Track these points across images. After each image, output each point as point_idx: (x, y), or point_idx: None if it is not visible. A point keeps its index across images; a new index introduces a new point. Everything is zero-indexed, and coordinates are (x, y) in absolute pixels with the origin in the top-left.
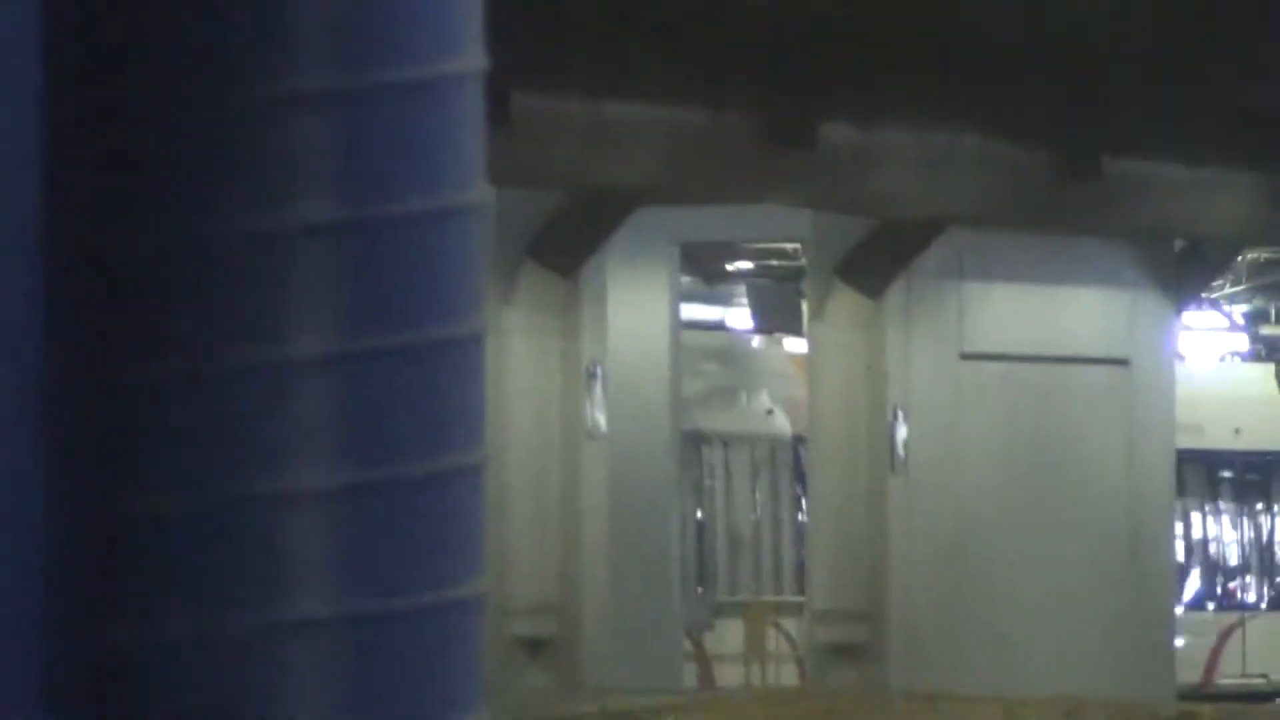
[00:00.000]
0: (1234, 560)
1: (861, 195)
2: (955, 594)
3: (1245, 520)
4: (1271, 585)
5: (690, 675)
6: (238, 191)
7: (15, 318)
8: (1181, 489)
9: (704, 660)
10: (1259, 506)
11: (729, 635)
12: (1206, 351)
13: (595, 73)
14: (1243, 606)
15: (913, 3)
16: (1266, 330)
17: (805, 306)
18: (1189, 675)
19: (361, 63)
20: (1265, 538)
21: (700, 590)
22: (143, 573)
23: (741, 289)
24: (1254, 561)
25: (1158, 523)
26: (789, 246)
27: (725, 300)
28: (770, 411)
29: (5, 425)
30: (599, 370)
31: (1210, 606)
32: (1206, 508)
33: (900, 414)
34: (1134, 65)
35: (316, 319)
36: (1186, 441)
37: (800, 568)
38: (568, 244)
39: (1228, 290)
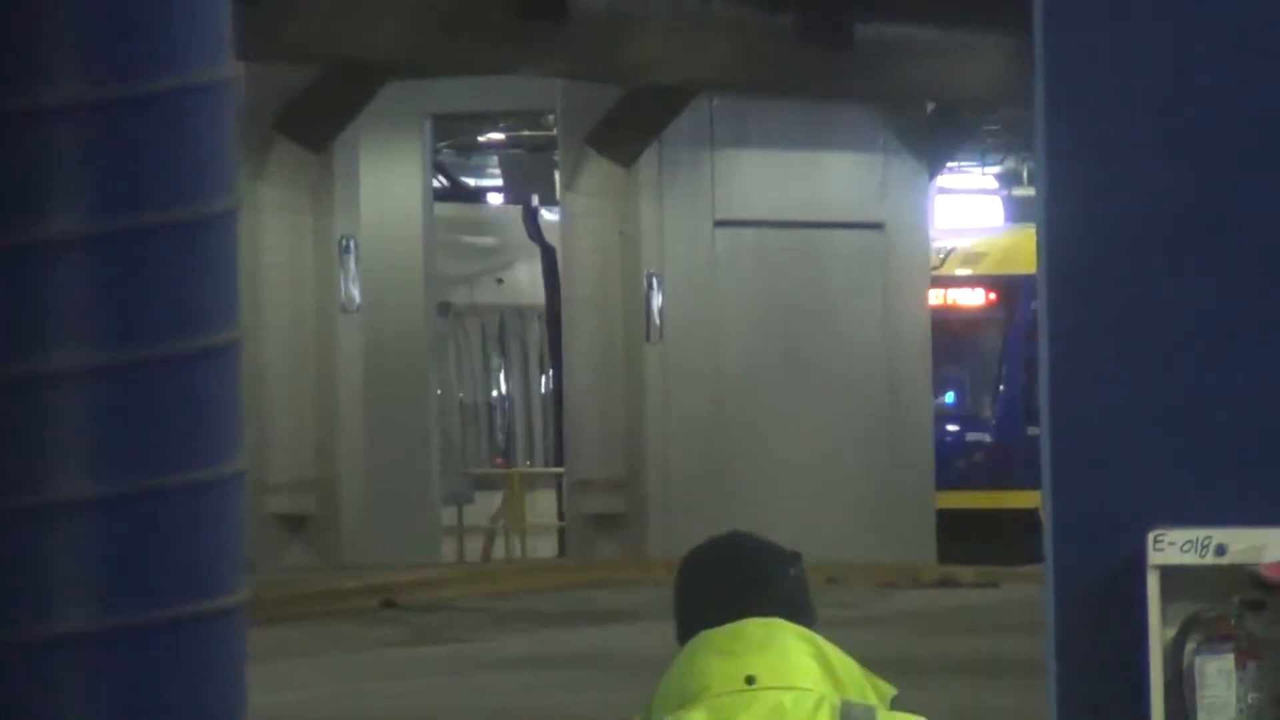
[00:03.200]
0: None
1: (612, 64)
2: (714, 461)
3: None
4: None
5: (452, 548)
6: None
7: None
8: None
9: (463, 533)
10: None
11: (490, 508)
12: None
13: None
14: None
15: None
16: (1019, 192)
17: (558, 176)
18: None
19: None
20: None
21: (459, 463)
22: None
23: (494, 160)
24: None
25: (915, 385)
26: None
27: (479, 172)
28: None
29: None
30: (352, 245)
31: None
32: None
33: (655, 282)
34: None
35: (66, 200)
36: None
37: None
38: (318, 119)
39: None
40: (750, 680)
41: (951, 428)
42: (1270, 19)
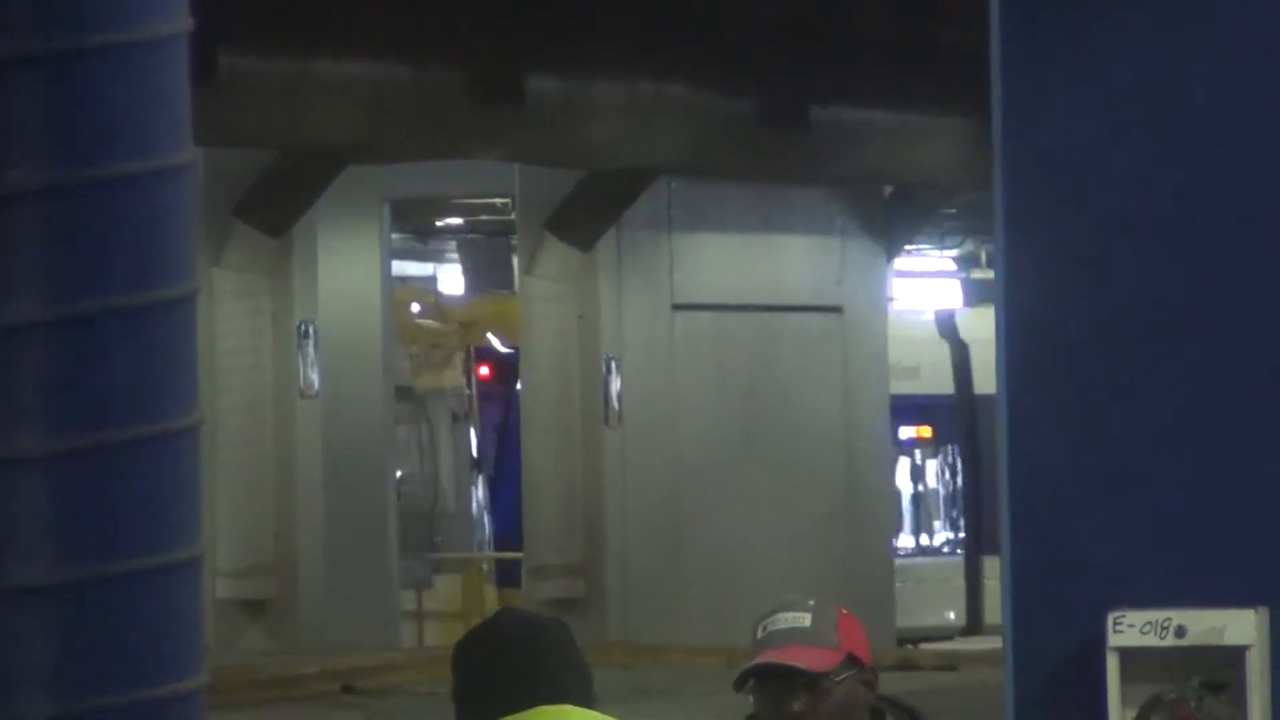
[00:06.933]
0: None
1: (570, 148)
2: (673, 545)
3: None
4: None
5: (412, 633)
6: None
7: None
8: None
9: (422, 617)
10: None
11: (449, 592)
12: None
13: (301, 30)
14: None
15: None
16: (978, 274)
17: (516, 261)
18: None
19: (66, 26)
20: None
21: (419, 547)
22: None
23: (452, 245)
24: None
25: (874, 468)
26: (499, 201)
27: (437, 257)
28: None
29: None
30: (311, 329)
31: None
32: None
33: (613, 366)
34: (839, 12)
35: (27, 284)
36: None
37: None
38: (276, 204)
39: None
40: None
41: None
42: (1227, 99)
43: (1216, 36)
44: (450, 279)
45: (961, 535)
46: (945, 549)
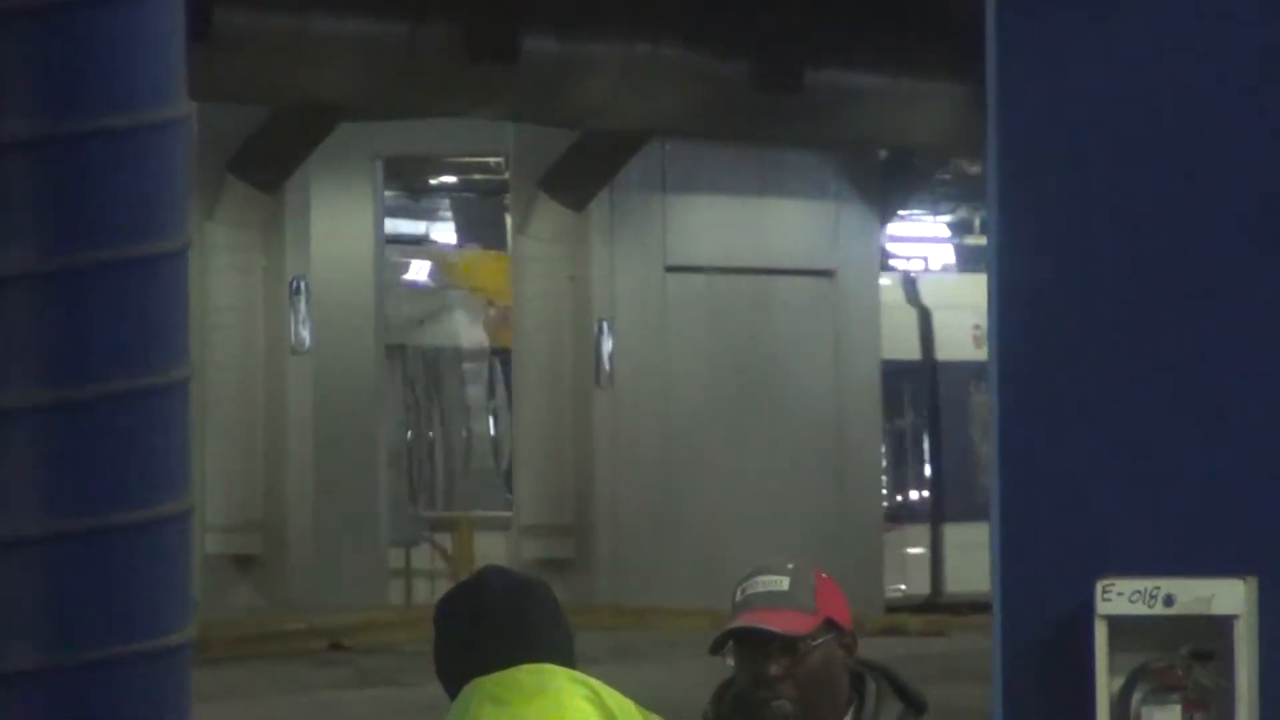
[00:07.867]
0: None
1: (564, 108)
2: (663, 507)
3: None
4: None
5: (401, 590)
6: None
7: None
8: None
9: (412, 575)
10: None
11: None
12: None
13: None
14: None
15: None
16: (971, 240)
17: (509, 220)
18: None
19: None
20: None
21: (410, 505)
22: None
23: (445, 203)
24: None
25: (865, 432)
26: (492, 160)
27: (430, 215)
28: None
29: None
30: (303, 285)
31: None
32: None
33: (605, 327)
34: None
35: (19, 236)
36: None
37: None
38: (270, 159)
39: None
40: None
41: None
42: (1222, 72)
43: (1218, 6)
44: (443, 237)
45: None
46: None
